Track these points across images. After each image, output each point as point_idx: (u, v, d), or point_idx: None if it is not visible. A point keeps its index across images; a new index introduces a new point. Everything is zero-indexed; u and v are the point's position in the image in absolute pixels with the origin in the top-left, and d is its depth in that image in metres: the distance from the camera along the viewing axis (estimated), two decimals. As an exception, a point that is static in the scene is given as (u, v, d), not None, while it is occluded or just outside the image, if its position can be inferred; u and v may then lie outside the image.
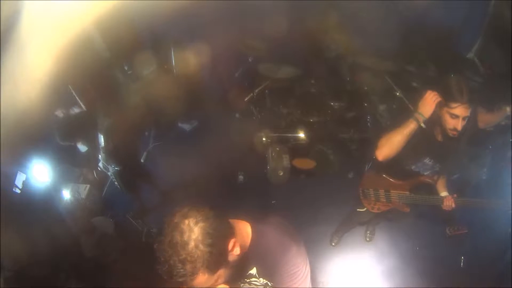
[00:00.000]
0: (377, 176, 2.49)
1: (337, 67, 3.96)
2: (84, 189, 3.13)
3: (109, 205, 3.36)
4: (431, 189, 2.42)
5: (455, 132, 2.03)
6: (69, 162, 3.15)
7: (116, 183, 3.03)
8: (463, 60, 3.85)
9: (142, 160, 3.83)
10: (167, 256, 1.06)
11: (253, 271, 1.39)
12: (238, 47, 3.75)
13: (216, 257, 1.08)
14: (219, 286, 1.19)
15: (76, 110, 2.80)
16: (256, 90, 3.76)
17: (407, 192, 2.46)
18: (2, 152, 2.06)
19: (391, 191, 2.50)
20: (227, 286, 1.22)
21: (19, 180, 2.48)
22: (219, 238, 1.09)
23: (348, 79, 3.78)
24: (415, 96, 3.51)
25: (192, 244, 1.05)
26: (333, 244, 3.23)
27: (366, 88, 3.75)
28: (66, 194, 2.99)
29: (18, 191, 2.45)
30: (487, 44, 3.79)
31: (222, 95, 4.13)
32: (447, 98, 2.00)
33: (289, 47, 3.93)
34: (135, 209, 3.34)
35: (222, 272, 1.15)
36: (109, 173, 2.93)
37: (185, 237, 1.05)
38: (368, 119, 3.86)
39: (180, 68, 3.77)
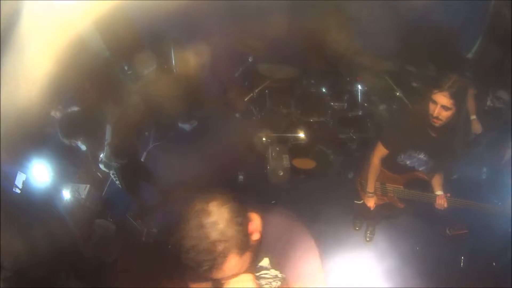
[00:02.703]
0: None
1: (337, 67, 3.96)
2: (84, 189, 3.13)
3: (109, 205, 3.36)
4: (426, 187, 2.44)
5: (435, 120, 2.06)
6: (69, 161, 3.14)
7: (117, 181, 3.03)
8: (463, 60, 3.85)
9: (142, 160, 3.83)
10: (196, 242, 1.02)
11: (264, 262, 1.38)
12: (238, 47, 3.75)
13: (245, 237, 1.08)
14: (244, 275, 1.15)
15: (78, 107, 2.80)
16: (256, 90, 3.76)
17: (401, 187, 2.50)
18: (2, 152, 2.06)
19: (387, 184, 2.55)
20: (251, 275, 1.18)
21: (19, 180, 2.47)
22: (244, 218, 1.09)
23: (348, 79, 3.78)
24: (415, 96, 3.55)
25: (223, 223, 1.03)
26: (357, 228, 3.32)
27: (366, 88, 3.75)
28: (66, 194, 2.99)
29: (18, 191, 2.44)
30: (487, 44, 3.79)
31: (222, 95, 4.13)
32: (431, 84, 2.08)
33: (289, 47, 3.93)
34: (135, 209, 3.34)
35: (247, 257, 1.12)
36: (111, 172, 2.93)
37: (214, 218, 1.03)
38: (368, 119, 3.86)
39: (180, 68, 3.77)
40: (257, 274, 1.38)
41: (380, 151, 2.41)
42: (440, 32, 3.66)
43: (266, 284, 1.39)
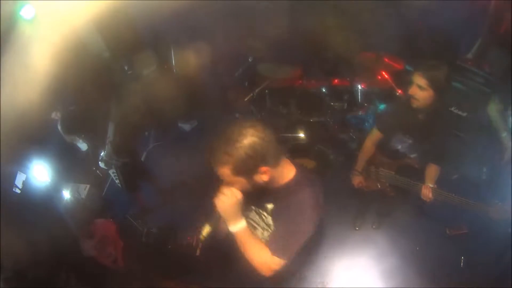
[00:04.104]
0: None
1: (337, 66, 3.96)
2: (84, 189, 3.13)
3: (109, 205, 3.36)
4: (417, 176, 2.47)
5: (413, 100, 2.19)
6: (69, 161, 3.14)
7: (117, 180, 3.02)
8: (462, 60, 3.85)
9: (142, 160, 3.83)
10: (218, 142, 1.32)
11: (269, 206, 1.56)
12: (238, 47, 3.75)
13: (244, 166, 1.32)
14: (233, 189, 1.43)
15: (79, 105, 2.81)
16: (256, 90, 3.75)
17: (393, 172, 2.56)
18: (2, 152, 2.06)
19: (381, 168, 2.62)
20: (240, 194, 1.44)
21: (19, 180, 2.47)
22: (257, 157, 1.32)
23: (348, 79, 3.77)
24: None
25: (238, 144, 1.29)
26: (357, 228, 3.32)
27: (366, 88, 3.74)
28: (66, 194, 2.99)
29: (18, 191, 2.44)
30: (487, 45, 3.79)
31: (222, 95, 4.13)
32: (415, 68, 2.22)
33: (289, 47, 3.93)
34: (135, 209, 3.34)
35: (242, 181, 1.38)
36: (111, 171, 2.93)
37: (238, 137, 1.30)
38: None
39: (180, 68, 3.77)
40: (260, 210, 1.60)
41: (374, 135, 2.56)
42: (439, 32, 3.67)
43: (258, 224, 1.62)
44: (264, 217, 1.59)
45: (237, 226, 1.47)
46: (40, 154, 2.64)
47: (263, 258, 1.46)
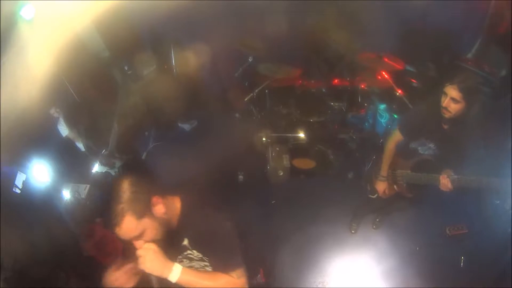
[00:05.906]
0: None
1: (337, 66, 3.96)
2: (84, 189, 3.13)
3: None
4: (431, 168, 2.44)
5: (445, 111, 2.16)
6: (69, 162, 3.14)
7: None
8: (462, 60, 3.85)
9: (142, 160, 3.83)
10: (110, 209, 1.35)
11: (185, 242, 1.54)
12: (238, 47, 3.75)
13: (139, 202, 1.35)
14: (148, 243, 1.41)
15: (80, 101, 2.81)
16: (256, 90, 3.75)
17: (409, 171, 2.55)
18: (2, 152, 2.06)
19: (397, 170, 2.60)
20: (153, 244, 1.41)
21: (19, 180, 2.47)
22: (142, 189, 1.38)
23: (348, 79, 3.78)
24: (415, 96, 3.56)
25: (121, 192, 1.35)
26: (353, 231, 3.29)
27: (366, 88, 3.75)
28: (66, 194, 2.99)
29: (18, 191, 2.44)
30: (487, 45, 3.79)
31: (222, 95, 4.13)
32: (445, 78, 2.20)
33: (289, 47, 3.93)
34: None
35: (148, 223, 1.38)
36: (113, 170, 2.93)
37: (118, 187, 1.36)
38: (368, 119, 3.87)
39: (180, 68, 3.77)
40: (184, 253, 1.56)
41: (396, 137, 2.53)
42: (440, 31, 3.67)
43: (190, 263, 1.57)
44: (192, 255, 1.57)
45: (175, 272, 1.41)
46: (40, 154, 2.63)
47: (222, 280, 1.45)
